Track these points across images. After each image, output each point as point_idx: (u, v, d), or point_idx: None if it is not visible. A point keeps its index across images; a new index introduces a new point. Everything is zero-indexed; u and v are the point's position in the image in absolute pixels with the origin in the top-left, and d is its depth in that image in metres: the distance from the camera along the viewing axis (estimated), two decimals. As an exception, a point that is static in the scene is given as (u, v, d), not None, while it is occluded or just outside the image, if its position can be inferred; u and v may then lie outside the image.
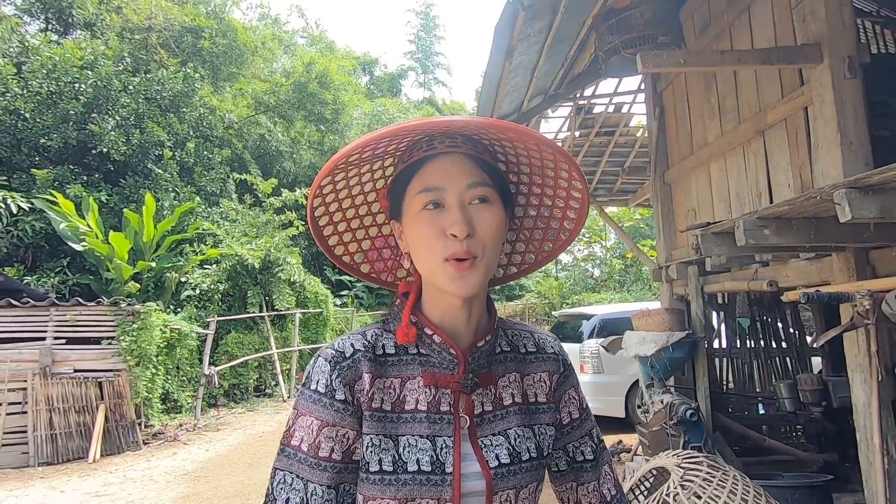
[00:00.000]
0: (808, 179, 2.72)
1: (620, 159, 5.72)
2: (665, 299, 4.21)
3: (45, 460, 6.36)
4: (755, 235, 2.03)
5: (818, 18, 2.54)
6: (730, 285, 3.44)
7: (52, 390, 6.51)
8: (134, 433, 6.99)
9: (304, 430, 0.70)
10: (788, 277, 2.90)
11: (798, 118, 2.80)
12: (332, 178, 0.75)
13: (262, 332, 10.44)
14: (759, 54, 2.67)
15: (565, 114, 5.31)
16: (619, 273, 16.88)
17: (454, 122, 0.67)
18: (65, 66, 10.73)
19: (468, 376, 0.73)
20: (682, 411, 3.13)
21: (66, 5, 13.14)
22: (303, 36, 24.29)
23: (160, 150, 11.66)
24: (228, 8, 15.57)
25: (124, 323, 7.16)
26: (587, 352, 6.41)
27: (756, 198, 3.15)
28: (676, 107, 4.11)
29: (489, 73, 3.34)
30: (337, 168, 0.73)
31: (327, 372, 0.71)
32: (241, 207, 12.04)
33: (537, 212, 0.84)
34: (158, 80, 12.00)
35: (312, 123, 16.00)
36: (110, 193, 10.94)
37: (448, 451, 0.70)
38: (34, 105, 10.54)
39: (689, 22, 3.83)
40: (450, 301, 0.74)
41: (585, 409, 0.86)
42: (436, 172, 0.71)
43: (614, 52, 3.29)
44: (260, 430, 7.83)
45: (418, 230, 0.71)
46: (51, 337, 6.72)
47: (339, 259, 0.83)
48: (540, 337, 0.85)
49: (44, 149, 10.90)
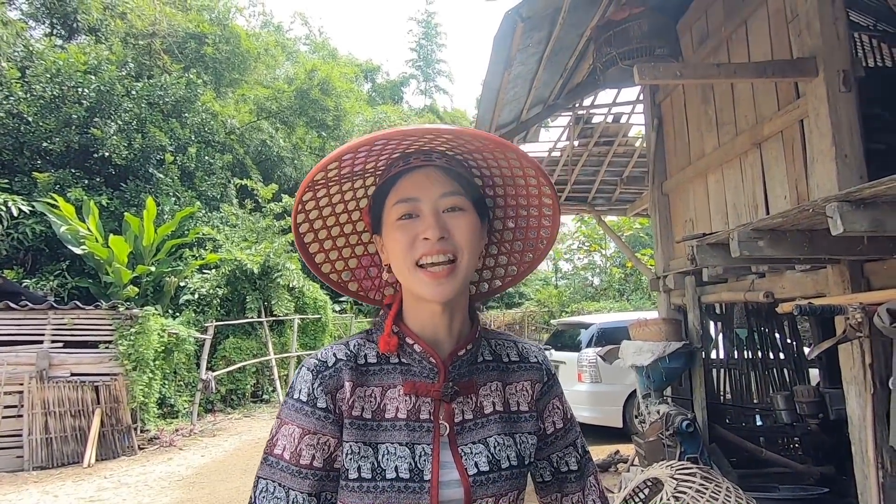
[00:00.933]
0: (805, 192, 2.74)
1: (619, 169, 5.74)
2: (662, 309, 4.21)
3: (39, 464, 6.33)
4: (750, 247, 2.04)
5: (813, 32, 2.57)
6: (727, 296, 3.44)
7: (48, 394, 6.50)
8: (129, 438, 6.96)
9: (286, 438, 0.71)
10: (784, 289, 2.91)
11: (794, 131, 2.82)
12: (313, 193, 0.76)
13: (260, 338, 10.43)
14: (754, 67, 2.70)
15: (564, 123, 5.35)
16: (618, 282, 16.88)
17: (420, 131, 0.67)
18: (68, 71, 10.81)
19: (448, 385, 0.74)
20: (679, 422, 3.12)
21: (70, 10, 13.26)
22: (305, 43, 24.47)
23: (162, 155, 11.71)
24: (232, 15, 15.71)
25: (122, 327, 7.16)
26: (585, 361, 6.39)
27: (753, 209, 3.17)
28: (675, 118, 4.14)
29: (488, 82, 3.37)
30: (317, 183, 0.75)
31: (309, 381, 0.72)
32: (242, 212, 12.08)
33: (515, 223, 0.86)
34: (161, 85, 12.08)
35: (314, 129, 16.08)
36: (111, 197, 10.98)
37: (427, 459, 0.71)
38: (37, 109, 10.61)
39: (686, 34, 3.86)
40: (430, 309, 0.75)
41: (570, 420, 0.87)
42: (411, 184, 0.73)
43: (612, 64, 3.31)
44: (256, 435, 7.80)
45: (394, 238, 0.73)
46: (48, 340, 6.72)
47: (326, 277, 0.85)
48: (523, 346, 0.86)
49: (46, 152, 10.95)
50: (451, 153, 0.76)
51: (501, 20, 2.63)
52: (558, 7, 2.93)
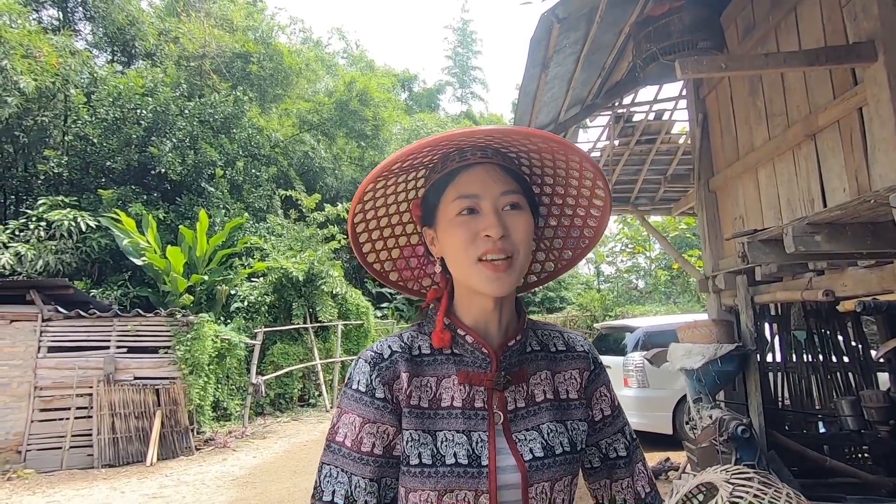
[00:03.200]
0: (866, 183, 2.58)
1: (663, 167, 5.59)
2: (712, 310, 4.05)
3: (107, 462, 6.76)
4: (805, 242, 1.95)
5: (870, 16, 2.44)
6: (782, 295, 3.28)
7: (114, 396, 6.93)
8: (187, 439, 7.32)
9: (347, 426, 0.74)
10: (846, 287, 2.74)
11: (852, 120, 2.67)
12: (373, 186, 0.80)
13: (305, 343, 10.73)
14: (806, 55, 2.58)
15: (604, 122, 5.26)
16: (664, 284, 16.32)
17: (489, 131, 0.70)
18: (128, 94, 11.58)
19: (500, 374, 0.76)
20: (733, 427, 3.00)
21: (129, 38, 14.21)
22: (343, 56, 25.15)
23: (212, 170, 12.32)
24: (275, 33, 16.38)
25: (179, 333, 7.56)
26: (631, 365, 6.21)
27: (808, 203, 3.01)
28: (721, 112, 4.00)
29: (525, 85, 3.37)
30: (379, 178, 0.78)
31: (367, 372, 0.75)
32: (287, 222, 12.51)
33: (557, 221, 0.88)
34: (211, 103, 12.73)
35: (353, 140, 16.49)
36: (167, 211, 11.64)
37: (483, 445, 0.73)
38: (101, 130, 11.41)
39: (731, 26, 3.73)
40: (482, 303, 0.77)
41: (617, 407, 0.87)
42: (471, 181, 0.75)
43: (652, 60, 3.24)
44: (304, 438, 8.02)
45: (454, 234, 0.75)
46: (114, 346, 7.18)
47: (370, 266, 0.88)
48: (569, 336, 0.88)
49: (109, 171, 11.75)
50: (503, 150, 0.78)
51: (537, 22, 2.64)
52: (595, 6, 2.91)
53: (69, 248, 9.88)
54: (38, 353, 6.83)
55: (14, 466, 6.40)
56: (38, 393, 6.76)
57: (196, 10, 15.08)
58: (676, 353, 3.55)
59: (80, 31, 14.32)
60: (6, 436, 6.58)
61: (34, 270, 9.24)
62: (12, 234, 9.52)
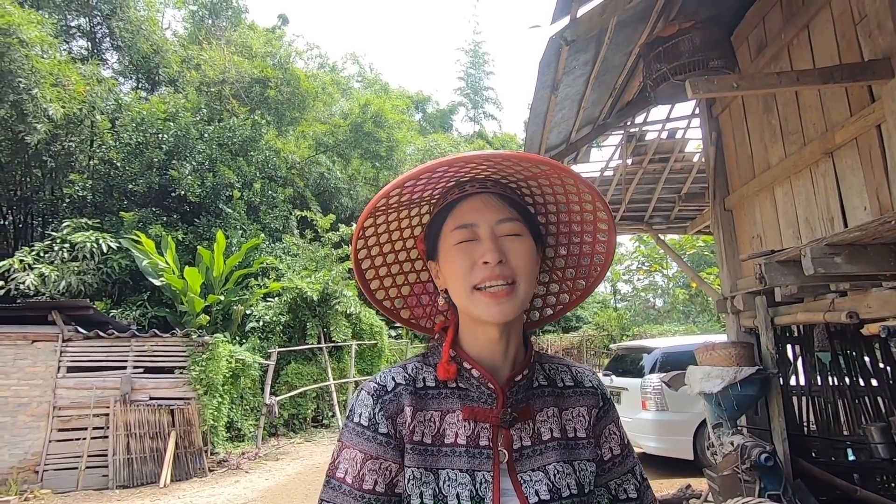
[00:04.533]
0: (888, 201, 2.52)
1: (677, 186, 5.53)
2: (732, 332, 3.95)
3: (122, 483, 6.77)
4: (825, 264, 1.89)
5: (886, 32, 2.40)
6: (803, 317, 3.18)
7: (130, 416, 6.98)
8: (201, 460, 7.31)
9: (348, 462, 0.72)
10: (871, 308, 2.65)
11: (871, 137, 2.62)
12: (374, 220, 0.79)
13: (319, 363, 10.73)
14: (820, 73, 2.55)
15: (616, 142, 5.25)
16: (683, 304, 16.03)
17: (481, 156, 0.69)
18: (151, 119, 11.97)
19: (507, 411, 0.74)
20: (756, 454, 2.88)
21: (153, 66, 14.75)
22: (358, 80, 25.68)
23: (230, 191, 12.58)
24: (292, 59, 16.84)
25: (195, 353, 7.62)
26: (649, 387, 6.06)
27: (828, 223, 2.94)
28: (734, 130, 3.96)
29: (535, 106, 3.38)
30: (378, 210, 0.77)
31: (370, 405, 0.73)
32: (302, 242, 12.66)
33: (567, 250, 0.86)
34: (230, 127, 13.07)
35: (368, 161, 16.73)
36: (186, 232, 11.88)
37: (487, 486, 0.70)
38: (124, 155, 11.77)
39: (743, 45, 3.72)
40: (487, 334, 0.75)
41: (627, 446, 0.84)
42: (469, 209, 0.74)
43: (663, 80, 3.23)
44: (317, 460, 7.95)
45: (453, 263, 0.74)
46: (131, 366, 7.26)
47: (380, 304, 0.87)
48: (577, 371, 0.85)
49: (131, 193, 12.08)
50: (504, 181, 0.77)
51: (546, 45, 2.66)
52: (604, 28, 2.92)
53: (91, 269, 10.11)
54: (57, 374, 6.94)
55: (31, 486, 6.46)
56: (57, 413, 6.85)
57: (217, 38, 15.61)
58: (695, 377, 3.45)
59: (107, 59, 14.93)
60: (25, 455, 6.66)
61: (57, 291, 9.45)
62: (37, 256, 9.78)
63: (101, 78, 12.47)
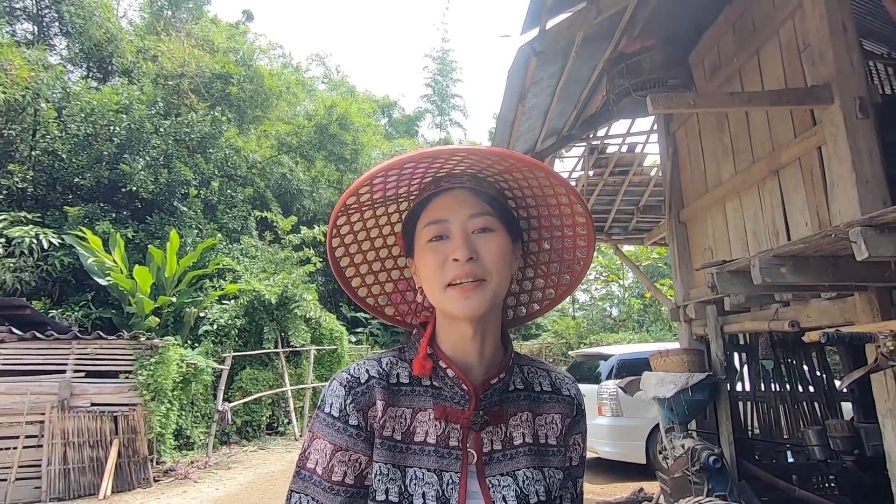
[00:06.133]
0: (826, 218, 2.70)
1: (635, 198, 5.74)
2: (684, 339, 4.12)
3: (56, 495, 6.33)
4: (771, 274, 2.01)
5: (827, 61, 2.59)
6: (750, 325, 3.36)
7: (68, 424, 6.55)
8: (145, 470, 6.93)
9: (318, 452, 0.71)
10: (810, 318, 2.83)
11: (812, 157, 2.81)
12: (347, 217, 0.78)
13: (276, 369, 10.43)
14: (769, 96, 2.72)
15: (579, 153, 5.40)
16: (637, 313, 16.57)
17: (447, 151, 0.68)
18: (101, 111, 11.37)
19: (478, 413, 0.73)
20: (705, 457, 3.01)
21: (106, 55, 14.05)
22: (324, 81, 25.34)
23: (186, 189, 12.10)
24: (256, 56, 16.43)
25: (143, 357, 7.24)
26: (605, 393, 6.22)
27: (773, 237, 3.12)
28: (690, 146, 4.15)
29: (503, 115, 3.44)
30: (350, 207, 0.76)
31: (342, 396, 0.72)
32: (261, 244, 12.31)
33: (550, 244, 0.86)
34: (188, 122, 12.60)
35: (332, 163, 16.49)
36: (137, 230, 11.32)
37: (454, 487, 0.70)
38: (71, 146, 11.12)
39: (699, 66, 3.92)
40: (460, 330, 0.74)
41: (583, 458, 0.85)
42: (440, 206, 0.74)
43: (625, 95, 3.37)
44: (271, 469, 7.70)
45: (425, 260, 0.73)
46: (71, 370, 6.82)
47: (363, 301, 0.86)
48: (557, 377, 0.85)
49: (77, 187, 11.41)
50: (480, 175, 0.77)
51: (515, 54, 2.71)
52: (571, 41, 3.02)
53: (29, 267, 9.47)
54: (-14, 377, 6.44)
55: (-49, 501, 5.95)
56: (-15, 420, 6.34)
57: (177, 30, 15.06)
58: (649, 382, 3.57)
59: (55, 45, 14.11)
60: (-55, 467, 6.13)
61: (-11, 289, 8.80)
62: (-32, 251, 9.09)
63: (48, 64, 11.76)
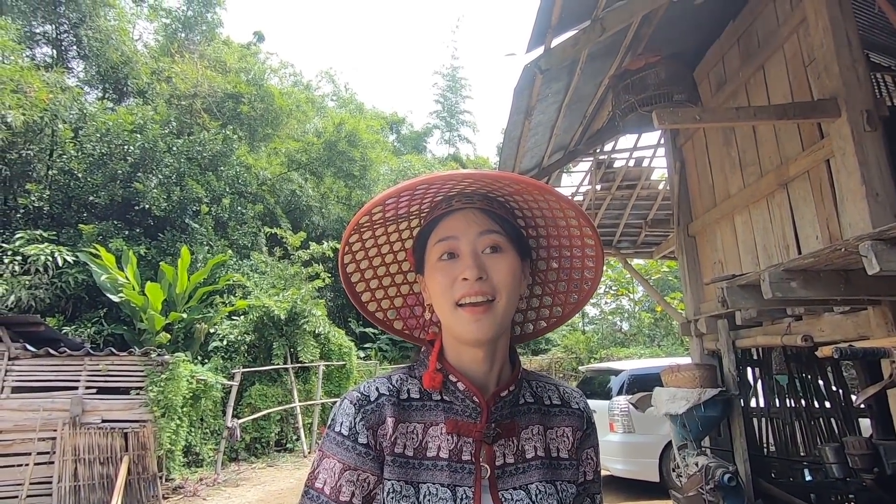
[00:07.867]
0: (837, 231, 2.68)
1: (643, 212, 5.73)
2: (695, 354, 4.07)
3: (66, 513, 6.33)
4: (782, 288, 1.99)
5: (832, 75, 2.60)
6: (762, 340, 3.32)
7: (79, 440, 6.57)
8: (155, 487, 6.92)
9: (327, 472, 0.71)
10: (823, 332, 2.79)
11: (821, 171, 2.80)
12: (359, 235, 0.80)
13: (285, 385, 10.41)
14: (775, 110, 2.72)
15: (586, 168, 5.41)
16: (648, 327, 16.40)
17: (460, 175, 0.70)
18: (116, 130, 11.63)
19: (490, 426, 0.73)
20: (720, 475, 2.95)
21: (122, 76, 14.42)
22: (333, 99, 25.70)
23: (197, 206, 12.27)
24: (267, 75, 16.76)
25: (153, 373, 7.28)
26: (616, 409, 6.12)
27: (784, 250, 3.10)
28: (697, 160, 4.15)
29: (509, 131, 3.47)
30: (362, 226, 0.78)
31: (351, 415, 0.73)
32: (271, 260, 12.40)
33: (559, 264, 0.87)
34: (200, 141, 12.83)
35: (341, 179, 16.66)
36: (149, 247, 11.47)
37: (468, 502, 0.70)
38: (86, 166, 11.36)
39: (704, 81, 3.94)
40: (471, 352, 0.75)
41: (598, 473, 0.85)
42: (451, 225, 0.75)
43: (631, 110, 3.39)
44: (279, 486, 7.64)
45: (435, 279, 0.75)
46: (83, 386, 6.87)
47: (372, 315, 0.87)
48: (565, 391, 0.85)
49: (92, 205, 11.63)
50: (492, 195, 0.78)
51: (521, 73, 2.75)
52: (576, 59, 3.05)
53: (44, 284, 9.61)
54: (0, 394, 6.50)
55: (-37, 518, 5.97)
56: (-3, 437, 6.39)
57: (190, 51, 15.42)
58: (661, 398, 3.53)
59: (73, 68, 14.51)
60: (-42, 484, 6.16)
61: (5, 306, 8.94)
62: (-15, 269, 9.26)
63: (66, 86, 12.09)
